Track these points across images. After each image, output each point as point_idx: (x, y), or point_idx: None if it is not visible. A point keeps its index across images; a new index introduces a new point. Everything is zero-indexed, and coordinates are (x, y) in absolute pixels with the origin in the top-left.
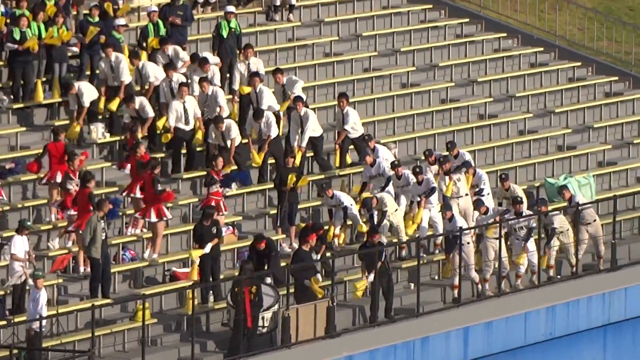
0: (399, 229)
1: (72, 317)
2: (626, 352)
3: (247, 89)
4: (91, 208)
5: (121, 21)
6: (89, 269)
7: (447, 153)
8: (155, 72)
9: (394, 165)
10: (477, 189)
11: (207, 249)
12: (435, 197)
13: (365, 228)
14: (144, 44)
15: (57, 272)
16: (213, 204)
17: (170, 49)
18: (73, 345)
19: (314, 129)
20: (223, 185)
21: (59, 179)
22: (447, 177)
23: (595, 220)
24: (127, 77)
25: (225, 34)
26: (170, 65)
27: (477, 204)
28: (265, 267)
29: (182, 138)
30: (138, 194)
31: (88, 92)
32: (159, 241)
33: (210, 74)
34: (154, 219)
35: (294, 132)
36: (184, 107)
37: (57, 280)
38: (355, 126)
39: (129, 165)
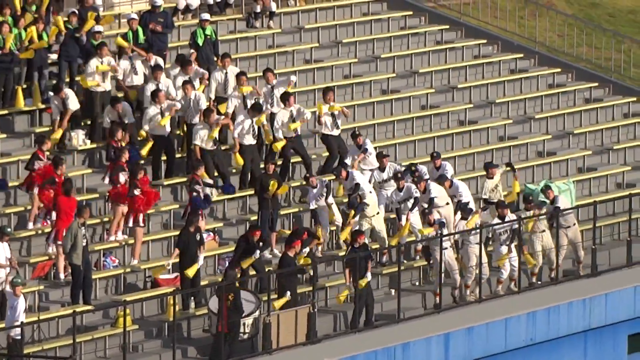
0: (381, 234)
1: (53, 323)
2: (606, 358)
3: (246, 89)
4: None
5: (98, 28)
6: (69, 276)
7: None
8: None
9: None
10: (455, 200)
11: (201, 260)
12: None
13: (336, 216)
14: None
15: (38, 279)
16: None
17: (153, 59)
18: (54, 352)
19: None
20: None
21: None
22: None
23: (574, 225)
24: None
25: (200, 41)
26: (157, 68)
27: (465, 211)
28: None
29: (160, 145)
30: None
31: (74, 96)
32: (138, 247)
33: (192, 76)
34: (130, 224)
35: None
36: (161, 111)
37: (39, 286)
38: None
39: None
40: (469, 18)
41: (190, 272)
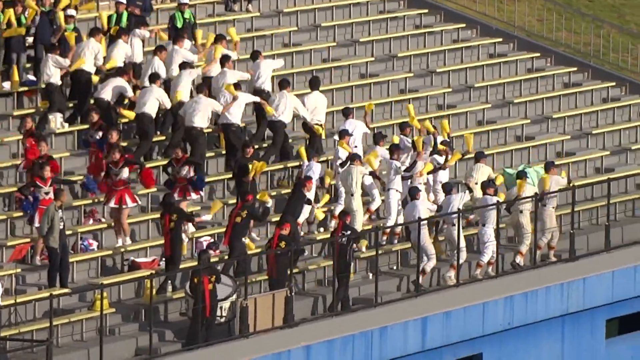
0: (355, 218)
1: (30, 306)
2: (584, 342)
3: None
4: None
5: (71, 12)
6: (46, 259)
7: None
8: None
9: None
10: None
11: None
12: (399, 183)
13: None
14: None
15: (15, 262)
16: None
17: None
18: (31, 335)
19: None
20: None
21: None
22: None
23: (553, 207)
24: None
25: (180, 24)
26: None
27: (446, 187)
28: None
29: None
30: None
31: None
32: (125, 226)
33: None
34: (112, 204)
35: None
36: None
37: (16, 269)
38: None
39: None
40: (448, 2)
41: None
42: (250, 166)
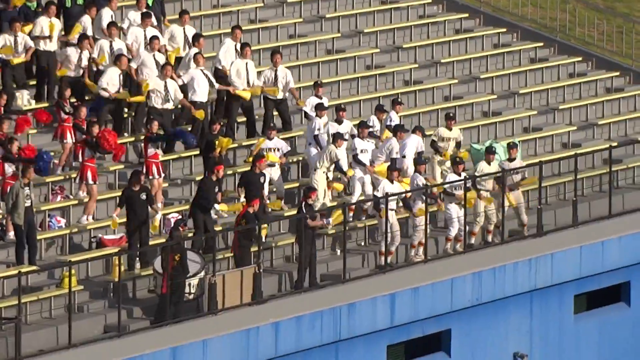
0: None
1: None
2: (552, 318)
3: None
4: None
5: None
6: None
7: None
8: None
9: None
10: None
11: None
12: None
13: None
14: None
15: None
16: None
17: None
18: (0, 313)
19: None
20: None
21: None
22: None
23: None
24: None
25: (150, 1)
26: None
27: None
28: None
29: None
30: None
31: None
32: (92, 204)
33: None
34: (90, 181)
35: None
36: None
37: None
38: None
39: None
40: None
41: (114, 224)
42: (216, 142)
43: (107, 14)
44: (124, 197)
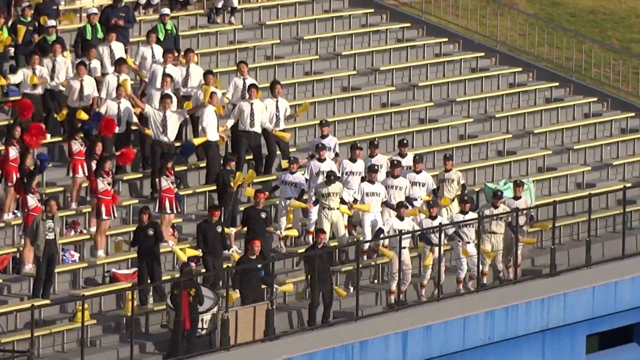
0: (338, 229)
1: (11, 317)
2: (564, 358)
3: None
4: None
5: (51, 22)
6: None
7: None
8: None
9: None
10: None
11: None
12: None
13: None
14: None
15: None
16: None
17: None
18: (12, 346)
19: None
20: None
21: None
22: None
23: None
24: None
25: (162, 36)
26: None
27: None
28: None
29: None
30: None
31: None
32: (100, 237)
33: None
34: (105, 216)
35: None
36: (119, 107)
37: None
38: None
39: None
40: (430, 16)
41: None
42: (232, 178)
43: (119, 49)
44: (135, 232)
